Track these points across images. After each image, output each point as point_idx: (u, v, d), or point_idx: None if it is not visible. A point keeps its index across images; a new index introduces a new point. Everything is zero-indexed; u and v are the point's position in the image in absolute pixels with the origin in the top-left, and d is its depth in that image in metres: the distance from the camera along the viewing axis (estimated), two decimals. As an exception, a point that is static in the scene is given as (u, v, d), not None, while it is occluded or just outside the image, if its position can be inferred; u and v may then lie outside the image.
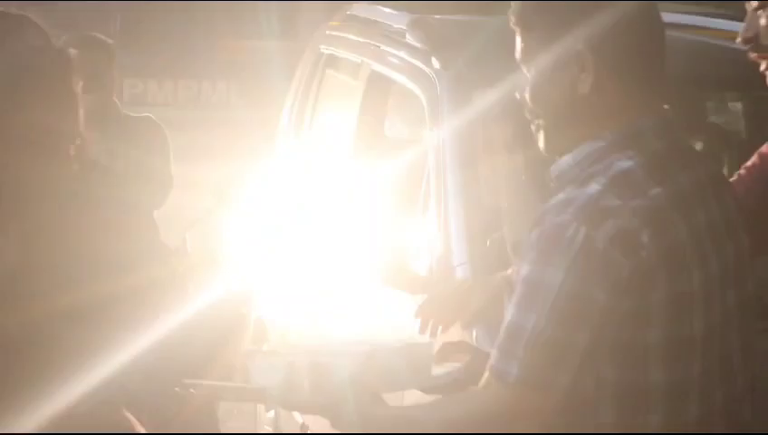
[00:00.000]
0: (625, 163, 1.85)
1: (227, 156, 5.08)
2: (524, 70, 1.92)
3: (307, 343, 1.99)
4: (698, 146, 3.77)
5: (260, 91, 5.42)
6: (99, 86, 4.02)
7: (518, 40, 1.92)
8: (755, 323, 2.01)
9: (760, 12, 2.30)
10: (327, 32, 4.56)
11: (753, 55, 2.33)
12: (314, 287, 3.96)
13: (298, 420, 4.03)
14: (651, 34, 1.95)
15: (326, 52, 4.46)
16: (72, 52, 3.24)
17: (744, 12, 2.40)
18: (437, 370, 2.24)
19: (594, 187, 1.82)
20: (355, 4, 4.55)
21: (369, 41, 4.00)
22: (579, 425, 1.88)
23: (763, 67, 2.32)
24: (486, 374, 1.87)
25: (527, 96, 1.94)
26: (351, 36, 4.22)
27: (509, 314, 1.86)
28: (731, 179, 2.48)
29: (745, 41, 2.33)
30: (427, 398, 2.22)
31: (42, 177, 1.98)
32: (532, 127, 1.97)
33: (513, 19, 1.94)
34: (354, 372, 1.98)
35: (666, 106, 2.00)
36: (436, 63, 3.40)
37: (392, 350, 2.17)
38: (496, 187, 3.31)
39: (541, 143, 1.96)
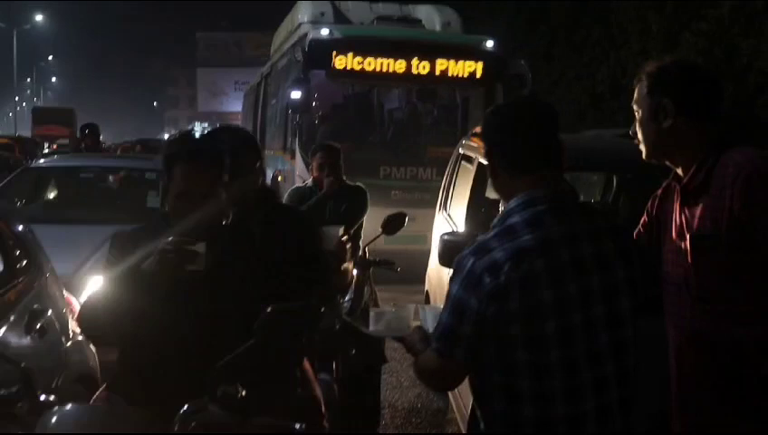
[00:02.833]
0: (513, 220, 2.12)
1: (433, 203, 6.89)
2: None
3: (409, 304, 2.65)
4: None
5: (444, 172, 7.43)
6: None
7: None
8: (630, 328, 2.14)
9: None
10: (463, 141, 6.17)
11: (636, 142, 2.55)
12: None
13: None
14: (533, 135, 2.16)
15: (461, 152, 6.06)
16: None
17: None
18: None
19: (489, 234, 2.11)
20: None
21: (478, 146, 5.17)
22: (478, 380, 2.17)
23: (640, 145, 2.55)
24: None
25: None
26: (471, 144, 5.70)
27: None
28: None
29: (633, 134, 2.56)
30: None
31: None
32: None
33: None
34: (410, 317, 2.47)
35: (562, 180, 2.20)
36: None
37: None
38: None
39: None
